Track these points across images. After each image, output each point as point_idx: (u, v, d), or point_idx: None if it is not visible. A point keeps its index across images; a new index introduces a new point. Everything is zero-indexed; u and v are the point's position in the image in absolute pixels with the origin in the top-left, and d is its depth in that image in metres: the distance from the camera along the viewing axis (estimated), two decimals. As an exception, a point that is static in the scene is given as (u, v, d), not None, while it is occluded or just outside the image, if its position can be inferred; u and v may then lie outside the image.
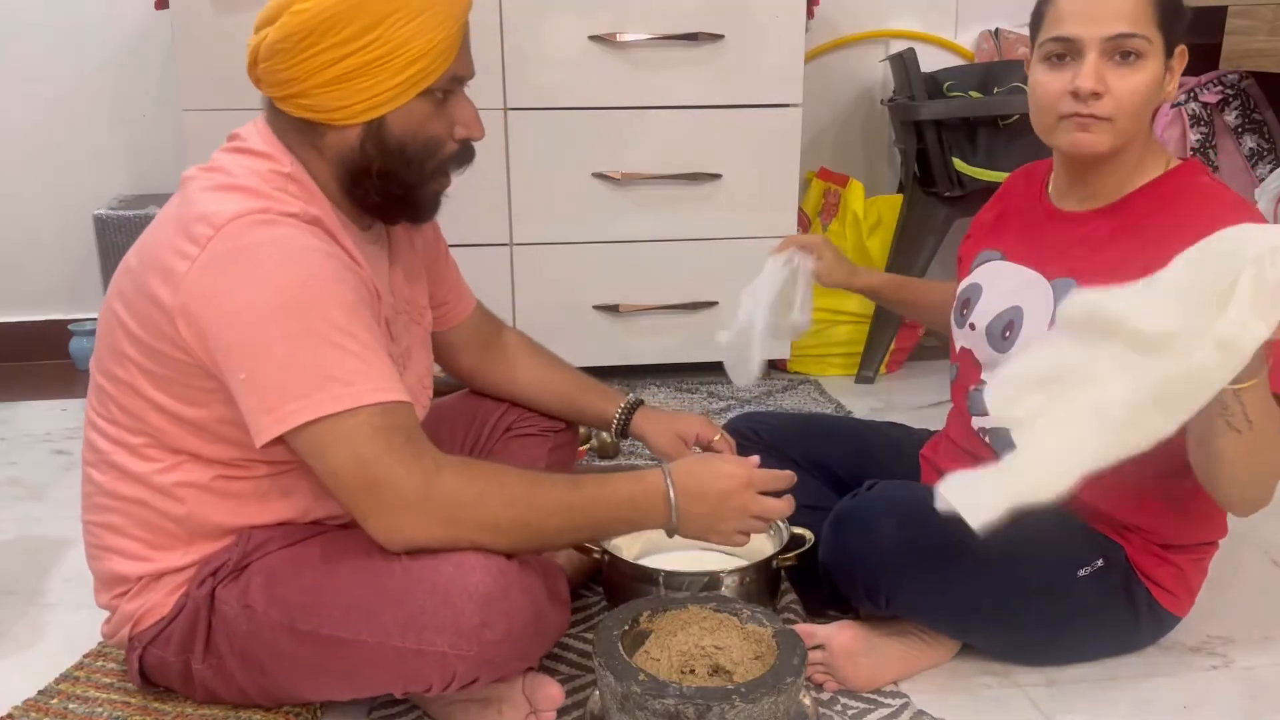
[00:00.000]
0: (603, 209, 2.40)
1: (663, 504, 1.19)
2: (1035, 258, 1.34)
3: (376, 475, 1.07)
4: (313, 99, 1.14)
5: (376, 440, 1.07)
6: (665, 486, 1.19)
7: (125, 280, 1.18)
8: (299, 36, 1.11)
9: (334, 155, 1.18)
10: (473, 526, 1.11)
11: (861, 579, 1.29)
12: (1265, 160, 2.52)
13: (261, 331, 1.07)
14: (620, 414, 1.56)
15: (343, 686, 1.18)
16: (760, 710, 1.08)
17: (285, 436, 1.08)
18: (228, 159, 1.18)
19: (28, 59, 2.62)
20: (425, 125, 1.18)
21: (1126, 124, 1.24)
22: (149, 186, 2.71)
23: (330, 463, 1.08)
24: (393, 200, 1.22)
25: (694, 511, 1.20)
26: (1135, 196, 1.29)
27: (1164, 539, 1.31)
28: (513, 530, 1.13)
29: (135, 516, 1.20)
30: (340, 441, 1.07)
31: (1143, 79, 1.22)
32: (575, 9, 2.28)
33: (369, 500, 1.09)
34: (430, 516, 1.09)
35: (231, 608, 1.16)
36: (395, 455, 1.08)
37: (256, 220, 1.10)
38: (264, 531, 1.20)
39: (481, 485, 1.12)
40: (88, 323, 2.69)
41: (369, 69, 1.12)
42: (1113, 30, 1.20)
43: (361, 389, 1.08)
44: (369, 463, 1.07)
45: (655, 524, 1.21)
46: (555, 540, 1.20)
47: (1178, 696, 1.33)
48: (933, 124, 2.48)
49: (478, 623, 1.09)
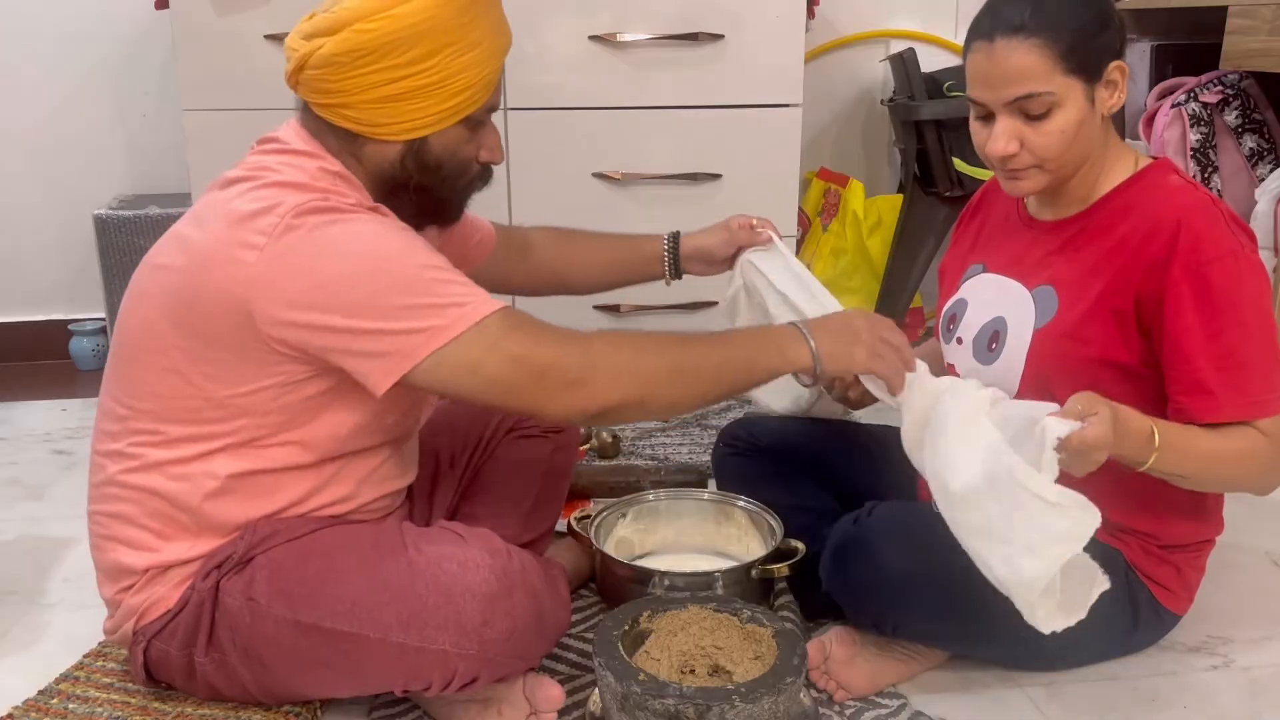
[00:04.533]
0: (603, 209, 2.40)
1: (798, 334, 1.24)
2: (1015, 268, 1.35)
3: (537, 364, 1.13)
4: (358, 111, 1.17)
5: (520, 336, 1.13)
6: (795, 324, 1.27)
7: (167, 276, 1.18)
8: (360, 54, 1.14)
9: (373, 166, 1.22)
10: (638, 382, 1.16)
11: (867, 609, 1.29)
12: (1265, 160, 2.52)
13: (364, 292, 1.10)
14: (668, 245, 1.57)
15: (344, 682, 1.18)
16: (760, 710, 1.08)
17: (414, 372, 1.10)
18: (273, 159, 1.19)
19: (28, 59, 2.62)
20: (461, 148, 1.24)
21: (1055, 165, 1.25)
22: (149, 186, 2.71)
23: (485, 372, 1.12)
24: (425, 212, 1.27)
25: (826, 336, 1.24)
26: (1105, 200, 1.29)
27: (1161, 540, 1.32)
28: (672, 378, 1.18)
29: (147, 506, 1.20)
30: (486, 349, 1.11)
31: (1057, 126, 1.22)
32: (575, 9, 2.28)
33: (538, 389, 1.13)
34: (597, 383, 1.14)
35: (235, 600, 1.17)
36: (544, 343, 1.14)
37: (318, 206, 1.13)
38: (269, 524, 1.21)
39: (631, 343, 1.20)
40: (88, 323, 2.70)
41: (420, 93, 1.17)
42: (1011, 94, 1.21)
43: (478, 303, 1.12)
44: (525, 357, 1.12)
45: (797, 356, 1.23)
46: (715, 382, 1.22)
47: (1178, 696, 1.33)
48: (933, 124, 2.49)
49: (480, 621, 1.10)
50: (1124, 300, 1.24)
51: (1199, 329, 1.19)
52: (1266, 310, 1.22)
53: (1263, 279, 1.23)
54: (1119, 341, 1.24)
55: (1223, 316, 1.19)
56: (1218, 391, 1.19)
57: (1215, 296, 1.19)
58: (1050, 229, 1.34)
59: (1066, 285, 1.27)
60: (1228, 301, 1.19)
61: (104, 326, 2.68)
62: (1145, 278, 1.22)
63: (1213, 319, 1.19)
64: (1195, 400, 1.20)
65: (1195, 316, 1.19)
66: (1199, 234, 1.20)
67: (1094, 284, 1.26)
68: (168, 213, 2.45)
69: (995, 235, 1.43)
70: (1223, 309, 1.19)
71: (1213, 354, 1.19)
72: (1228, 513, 1.37)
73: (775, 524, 1.50)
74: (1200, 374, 1.19)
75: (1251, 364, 1.19)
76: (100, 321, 2.68)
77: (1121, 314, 1.24)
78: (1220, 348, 1.19)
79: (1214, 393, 1.19)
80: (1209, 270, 1.19)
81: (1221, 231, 1.20)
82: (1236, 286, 1.19)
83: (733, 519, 1.60)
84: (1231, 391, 1.19)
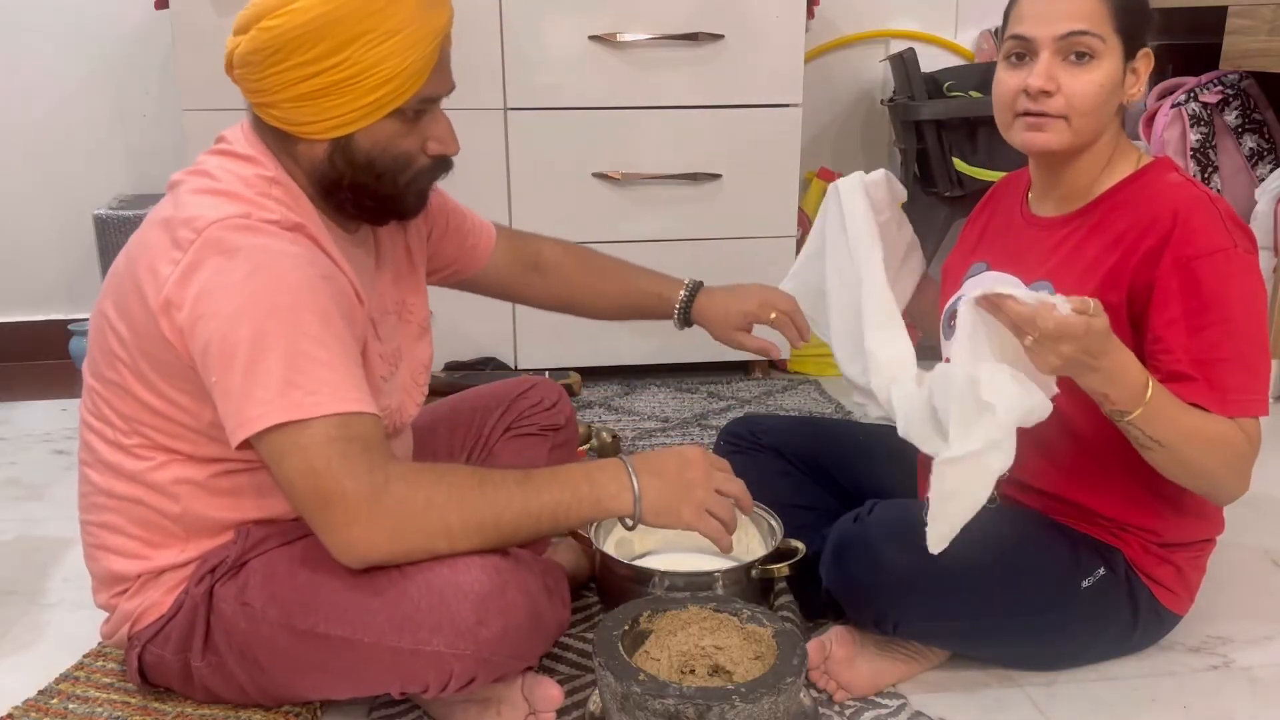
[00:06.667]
0: (603, 209, 2.40)
1: (622, 476, 1.16)
2: (1016, 266, 1.34)
3: (327, 488, 1.05)
4: (282, 111, 1.14)
5: (331, 451, 1.05)
6: (622, 462, 1.18)
7: (115, 283, 1.18)
8: (268, 52, 1.11)
9: (307, 165, 1.18)
10: (425, 535, 1.09)
11: (868, 607, 1.29)
12: (1265, 160, 2.52)
13: (233, 336, 1.06)
14: (682, 300, 1.52)
15: (340, 685, 1.18)
16: (760, 710, 1.07)
17: (251, 441, 1.07)
18: (214, 162, 1.18)
19: (28, 59, 2.62)
20: (395, 142, 1.17)
21: (1080, 122, 1.24)
22: (149, 186, 2.71)
23: (285, 471, 1.07)
24: (367, 210, 1.22)
25: (654, 484, 1.16)
26: (1105, 197, 1.29)
27: (1161, 538, 1.31)
28: (467, 533, 1.10)
29: (132, 515, 1.20)
30: (296, 450, 1.06)
31: (1095, 78, 1.22)
32: (575, 9, 2.28)
33: (321, 514, 1.07)
34: (378, 530, 1.07)
35: (229, 605, 1.17)
36: (346, 468, 1.05)
37: (237, 225, 1.10)
38: (262, 529, 1.20)
39: (429, 491, 1.09)
40: (87, 323, 2.69)
41: (337, 89, 1.11)
42: (1064, 29, 1.22)
43: (323, 398, 1.06)
44: (320, 474, 1.05)
45: (617, 505, 1.16)
46: (514, 536, 1.14)
47: (1178, 696, 1.33)
48: (933, 124, 2.49)
49: (474, 621, 1.09)
50: (1118, 294, 1.23)
51: (1182, 323, 1.19)
52: (1256, 311, 1.21)
53: (1255, 279, 1.21)
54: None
55: (1209, 313, 1.18)
56: (1198, 380, 1.18)
57: (1203, 292, 1.18)
58: (1051, 226, 1.34)
59: (1063, 281, 1.27)
60: (1215, 298, 1.18)
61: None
62: (1137, 271, 1.22)
63: (1198, 314, 1.18)
64: (1175, 386, 1.18)
65: (1180, 310, 1.19)
66: (1192, 229, 1.19)
67: (1090, 279, 1.25)
68: (167, 213, 2.45)
69: (999, 234, 1.43)
70: (1209, 305, 1.18)
71: (1194, 349, 1.18)
72: (1228, 512, 1.37)
73: (775, 524, 1.50)
74: (1179, 366, 1.18)
75: (1233, 362, 1.18)
76: (100, 321, 2.68)
77: (1115, 309, 1.24)
78: (1203, 343, 1.18)
79: (1195, 380, 1.18)
80: (1198, 265, 1.18)
81: (1215, 228, 1.20)
82: (1225, 284, 1.18)
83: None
84: (1208, 387, 1.17)
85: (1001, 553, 1.27)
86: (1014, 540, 1.29)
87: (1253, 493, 1.25)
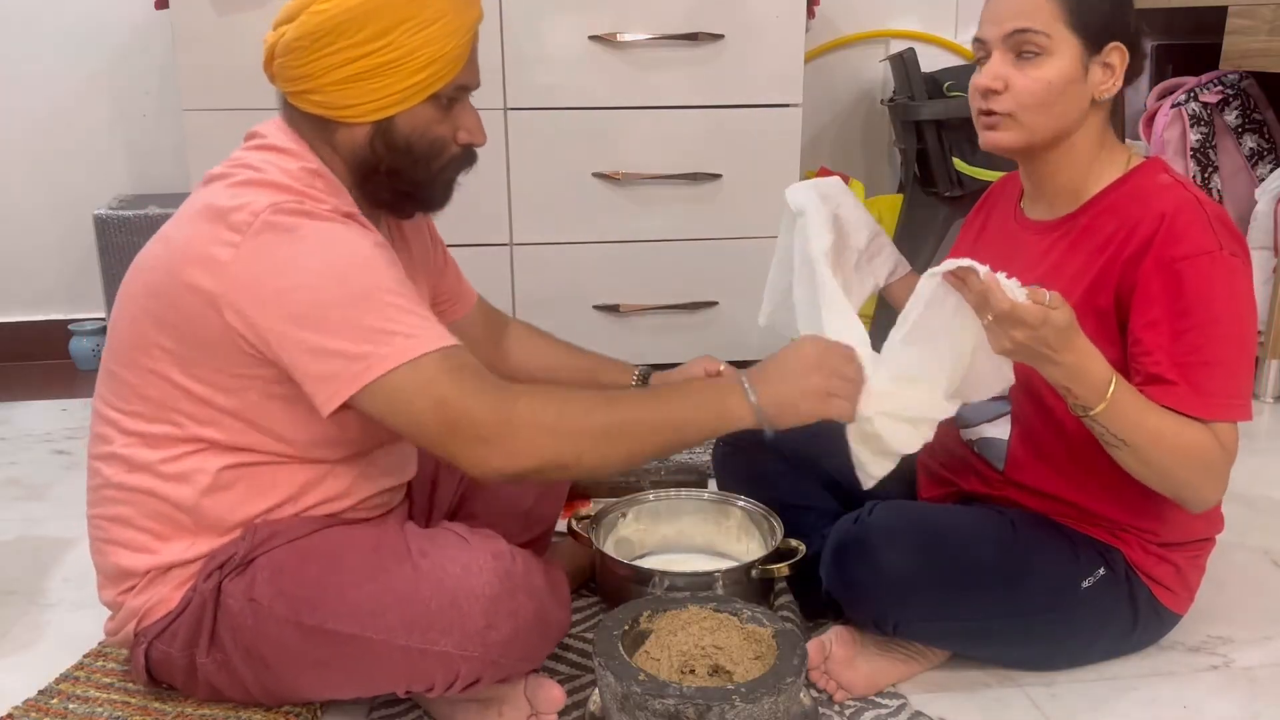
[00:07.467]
0: (603, 209, 2.40)
1: (738, 389, 1.18)
2: (1008, 269, 1.34)
3: (456, 414, 1.10)
4: (325, 95, 1.17)
5: (450, 380, 1.10)
6: (739, 378, 1.20)
7: (150, 276, 1.18)
8: (316, 35, 1.14)
9: (346, 152, 1.21)
10: (557, 448, 1.12)
11: (869, 608, 1.29)
12: (1265, 160, 2.53)
13: (318, 302, 1.09)
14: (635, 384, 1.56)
15: (346, 684, 1.18)
16: (760, 710, 1.08)
17: (356, 398, 1.10)
18: (255, 156, 1.19)
19: (28, 59, 2.62)
20: (431, 127, 1.22)
21: (1030, 119, 1.25)
22: (149, 186, 2.71)
23: (411, 412, 1.10)
24: (402, 196, 1.26)
25: (768, 390, 1.18)
26: (1094, 201, 1.29)
27: (1161, 537, 1.31)
28: (597, 445, 1.14)
29: (144, 507, 1.20)
30: (417, 389, 1.09)
31: (1043, 74, 1.23)
32: (575, 9, 2.28)
33: (453, 439, 1.10)
34: (514, 443, 1.11)
35: (237, 601, 1.17)
36: (469, 391, 1.10)
37: (294, 209, 1.13)
38: (271, 525, 1.21)
39: (559, 405, 1.14)
40: (88, 323, 2.70)
41: (380, 71, 1.16)
42: (1009, 28, 1.23)
43: (423, 339, 1.10)
44: (449, 402, 1.09)
45: (736, 415, 1.18)
46: (642, 449, 1.17)
47: (1178, 696, 1.33)
48: (933, 124, 2.49)
49: (483, 624, 1.10)
50: (1105, 297, 1.23)
51: (1165, 325, 1.18)
52: (1240, 314, 1.20)
53: (1240, 283, 1.20)
54: (1103, 340, 1.22)
55: (1192, 315, 1.17)
56: (1178, 383, 1.17)
57: (1186, 294, 1.17)
58: (1042, 230, 1.34)
59: (1053, 285, 1.27)
60: (1198, 301, 1.17)
61: (104, 326, 2.67)
62: (1123, 273, 1.22)
63: (1180, 316, 1.17)
64: (1153, 389, 1.18)
65: (1162, 312, 1.18)
66: (1177, 230, 1.19)
67: (1079, 283, 1.25)
68: (167, 213, 2.41)
69: (993, 237, 1.43)
70: (1192, 307, 1.17)
71: (1176, 351, 1.17)
72: (1228, 512, 1.37)
73: (775, 524, 1.50)
74: (1159, 369, 1.18)
75: (1215, 365, 1.17)
76: (100, 321, 2.67)
77: (1103, 312, 1.24)
78: (1185, 346, 1.17)
79: (1174, 384, 1.17)
80: (1181, 267, 1.18)
81: (1201, 230, 1.19)
82: (1208, 287, 1.17)
83: (732, 519, 1.60)
84: (1189, 389, 1.17)
85: (1001, 553, 1.27)
86: (1014, 541, 1.29)
87: (1253, 493, 1.25)
